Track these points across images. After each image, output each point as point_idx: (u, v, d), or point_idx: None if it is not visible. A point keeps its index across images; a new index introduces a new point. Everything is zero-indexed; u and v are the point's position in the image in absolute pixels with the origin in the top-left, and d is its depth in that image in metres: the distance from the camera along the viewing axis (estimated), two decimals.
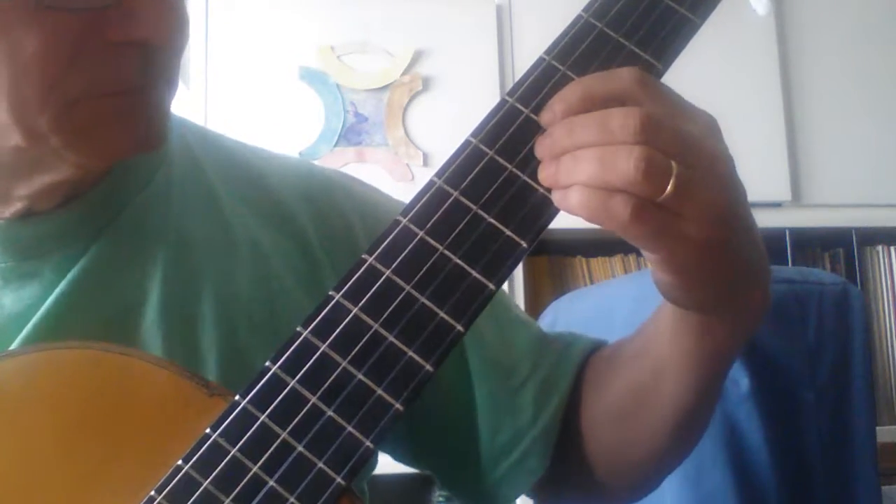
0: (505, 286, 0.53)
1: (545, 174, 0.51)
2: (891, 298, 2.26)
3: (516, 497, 0.69)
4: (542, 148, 0.52)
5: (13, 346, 0.59)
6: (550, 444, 0.67)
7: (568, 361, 0.69)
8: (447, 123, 2.12)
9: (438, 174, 0.52)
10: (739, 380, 1.20)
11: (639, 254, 2.24)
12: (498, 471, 0.68)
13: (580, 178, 0.49)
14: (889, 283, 2.27)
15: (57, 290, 0.60)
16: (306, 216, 0.69)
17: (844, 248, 2.28)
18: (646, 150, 0.48)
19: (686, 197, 0.48)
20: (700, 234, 0.49)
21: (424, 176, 2.19)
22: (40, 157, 0.56)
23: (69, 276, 0.60)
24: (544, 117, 0.52)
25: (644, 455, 0.66)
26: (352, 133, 2.18)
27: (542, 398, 0.67)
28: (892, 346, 2.23)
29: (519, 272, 2.13)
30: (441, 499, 1.99)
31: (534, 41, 2.24)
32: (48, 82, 0.52)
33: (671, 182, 0.47)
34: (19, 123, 0.53)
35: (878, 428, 1.39)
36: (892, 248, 2.28)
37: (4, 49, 0.51)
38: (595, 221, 0.49)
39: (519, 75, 0.54)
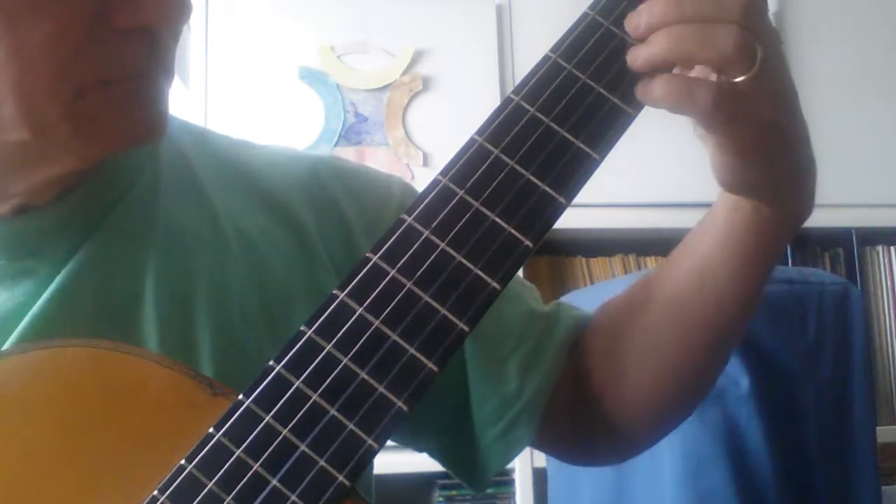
0: None
1: (641, 51, 0.54)
2: (891, 298, 2.26)
3: (502, 467, 0.71)
4: (640, 16, 0.54)
5: (9, 343, 0.59)
6: (536, 415, 0.69)
7: (554, 333, 0.71)
8: (447, 123, 2.11)
9: (443, 172, 0.52)
10: (739, 380, 1.20)
11: (639, 254, 2.25)
12: (485, 440, 0.70)
13: (674, 53, 0.53)
14: (889, 283, 2.27)
15: (51, 287, 0.60)
16: (300, 203, 0.70)
17: (844, 248, 2.28)
18: (743, 31, 0.52)
19: (762, 80, 0.53)
20: (768, 117, 0.55)
21: (424, 176, 2.19)
22: (43, 150, 0.56)
23: (63, 272, 0.60)
24: None
25: (680, 377, 0.68)
26: (352, 133, 2.18)
27: (526, 370, 0.69)
28: (892, 346, 2.23)
29: (519, 272, 2.12)
30: (441, 499, 1.99)
31: (534, 41, 2.24)
32: (58, 69, 0.52)
33: (756, 64, 0.52)
34: (28, 116, 0.53)
35: (878, 428, 1.39)
36: (892, 248, 2.28)
37: (12, 41, 0.51)
38: (676, 109, 0.53)
39: (519, 75, 0.54)
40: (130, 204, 0.64)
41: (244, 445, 0.49)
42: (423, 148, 2.16)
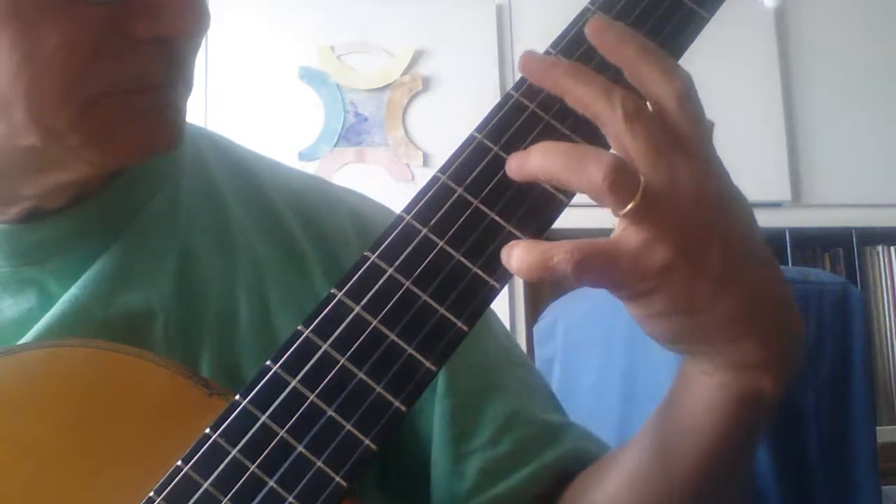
0: (506, 291, 0.53)
1: (515, 162, 0.48)
2: (891, 298, 2.26)
3: None
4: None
5: None
6: None
7: (546, 452, 0.62)
8: (447, 123, 2.11)
9: (442, 170, 0.52)
10: None
11: None
12: None
13: (545, 171, 0.46)
14: (889, 283, 2.27)
15: (61, 300, 0.59)
16: (307, 238, 0.67)
17: (844, 248, 2.28)
18: (617, 160, 0.43)
19: (649, 215, 0.43)
20: (657, 261, 0.43)
21: (424, 176, 2.18)
22: (54, 156, 0.55)
23: (73, 287, 0.59)
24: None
25: None
26: (352, 133, 2.18)
27: (486, 476, 0.62)
28: (892, 346, 2.23)
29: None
30: None
31: (534, 41, 2.23)
32: (69, 78, 0.51)
33: (637, 198, 0.43)
34: (38, 122, 0.52)
35: (878, 428, 1.39)
36: (892, 248, 2.28)
37: (25, 47, 0.50)
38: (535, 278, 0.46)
39: (519, 75, 0.54)
40: (148, 220, 0.62)
41: (240, 446, 0.48)
42: (423, 148, 2.16)
